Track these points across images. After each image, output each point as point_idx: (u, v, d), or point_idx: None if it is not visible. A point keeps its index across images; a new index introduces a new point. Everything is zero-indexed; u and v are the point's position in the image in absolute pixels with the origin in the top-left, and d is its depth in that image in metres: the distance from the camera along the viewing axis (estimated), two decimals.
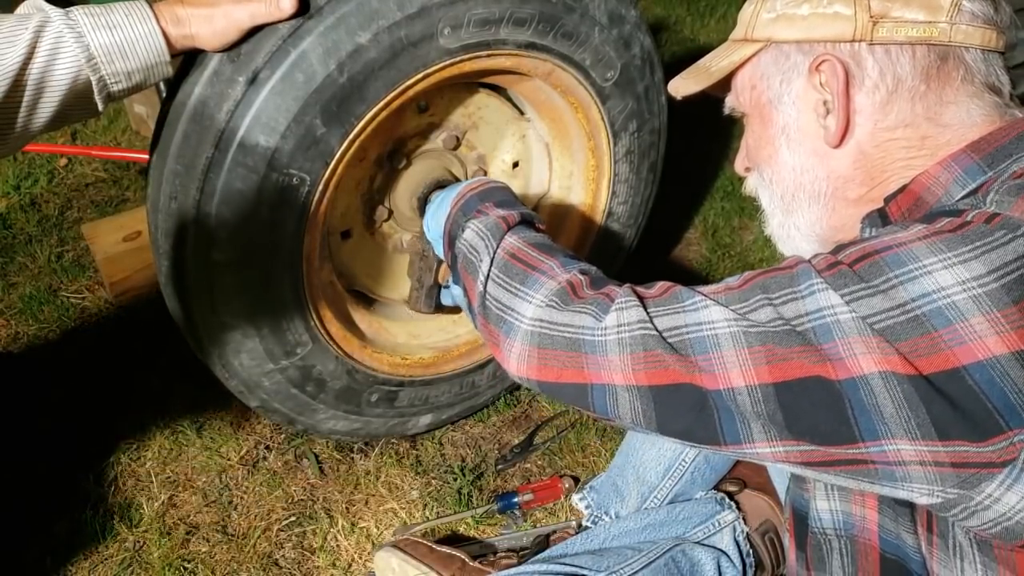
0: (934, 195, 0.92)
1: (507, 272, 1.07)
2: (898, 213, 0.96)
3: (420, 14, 1.35)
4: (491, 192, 1.26)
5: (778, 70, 1.04)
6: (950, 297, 0.74)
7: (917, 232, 0.80)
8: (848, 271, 0.81)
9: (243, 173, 1.33)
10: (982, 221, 0.78)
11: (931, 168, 0.94)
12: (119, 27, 1.18)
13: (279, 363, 1.58)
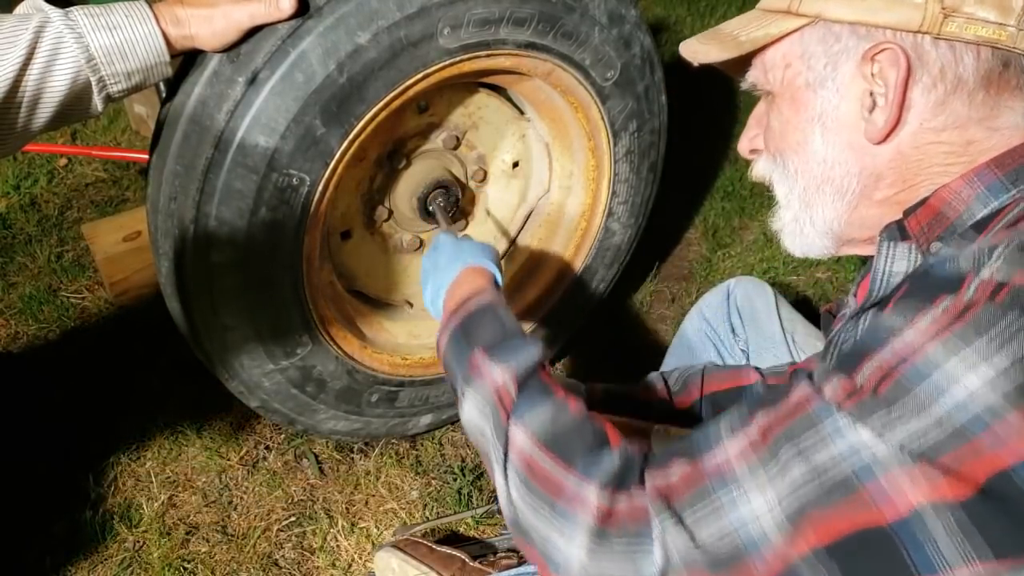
0: (955, 210, 0.89)
1: (529, 489, 0.93)
2: (917, 228, 0.93)
3: (420, 14, 1.35)
4: (477, 324, 1.14)
5: (825, 51, 0.95)
6: (982, 400, 0.69)
7: (926, 330, 0.74)
8: (871, 398, 0.75)
9: (243, 173, 1.33)
10: (987, 299, 0.72)
11: (953, 182, 0.91)
12: (119, 28, 1.18)
13: (279, 363, 1.58)
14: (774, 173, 1.06)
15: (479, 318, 1.15)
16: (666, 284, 2.47)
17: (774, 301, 1.61)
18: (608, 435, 0.93)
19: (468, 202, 1.90)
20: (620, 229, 1.95)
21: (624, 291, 2.34)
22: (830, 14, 0.93)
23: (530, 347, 1.06)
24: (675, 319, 2.32)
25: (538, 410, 0.96)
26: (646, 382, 1.47)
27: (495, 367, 1.03)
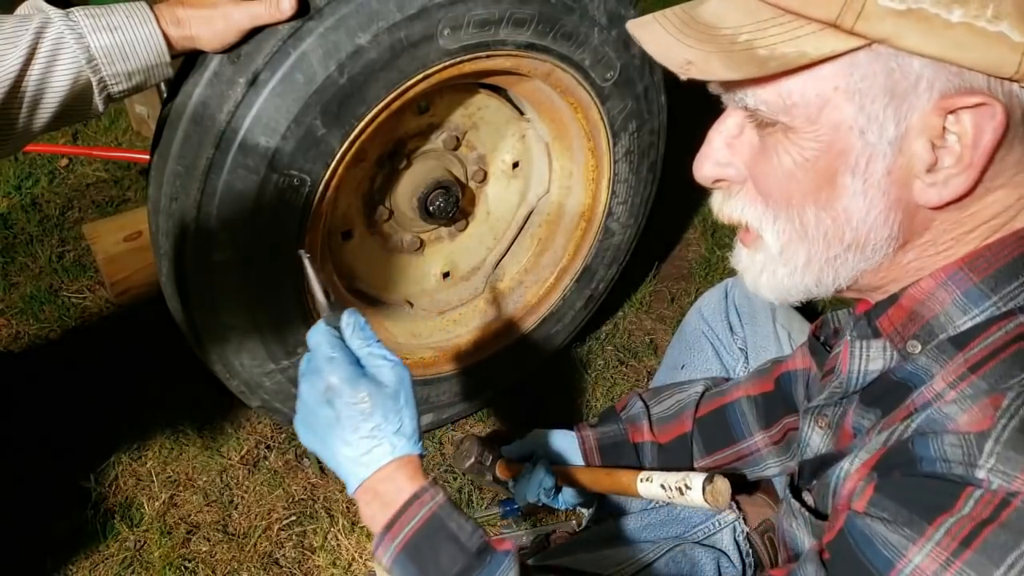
0: (930, 311, 0.79)
1: None
2: (890, 328, 0.83)
3: (420, 15, 1.36)
4: (435, 553, 0.91)
5: (886, 89, 0.71)
6: None
7: (933, 555, 0.67)
8: None
9: (244, 174, 1.34)
10: (991, 518, 0.65)
11: (923, 282, 0.79)
12: (120, 28, 1.18)
13: (280, 363, 1.59)
14: (767, 225, 0.83)
15: (430, 542, 0.92)
16: (666, 284, 2.47)
17: None
18: None
19: (468, 202, 1.90)
20: (620, 229, 1.96)
21: (624, 291, 2.34)
22: (903, 42, 0.68)
23: (502, 565, 0.90)
24: (675, 319, 2.32)
25: None
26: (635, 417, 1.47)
27: None
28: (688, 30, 0.76)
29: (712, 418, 1.39)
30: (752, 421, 1.36)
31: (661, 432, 1.43)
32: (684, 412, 1.42)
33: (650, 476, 1.34)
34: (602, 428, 1.48)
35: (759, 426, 1.36)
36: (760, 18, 0.73)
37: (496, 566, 0.89)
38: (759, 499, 1.56)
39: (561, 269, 1.96)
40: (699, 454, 1.41)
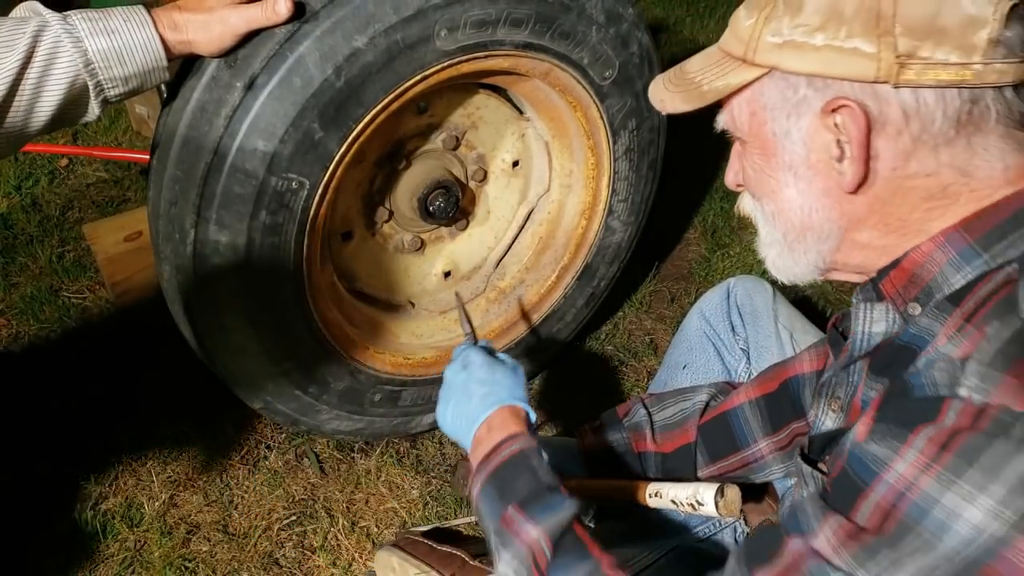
0: (929, 272, 0.88)
1: None
2: (892, 291, 0.93)
3: (416, 17, 1.36)
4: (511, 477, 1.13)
5: (785, 103, 0.91)
6: (988, 532, 0.71)
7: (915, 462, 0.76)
8: (877, 539, 0.77)
9: (242, 178, 1.34)
10: (970, 427, 0.73)
11: (924, 245, 0.89)
12: (117, 32, 1.18)
13: (281, 365, 1.59)
14: (757, 214, 1.04)
15: (513, 470, 1.13)
16: (666, 284, 2.47)
17: (773, 300, 1.62)
18: None
19: (468, 202, 1.90)
20: (620, 227, 1.96)
21: (624, 290, 2.34)
22: (787, 66, 0.89)
23: (565, 503, 1.06)
24: (675, 319, 2.32)
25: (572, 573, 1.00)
26: (637, 424, 1.47)
27: (530, 526, 1.05)
28: (672, 79, 1.02)
29: (715, 425, 1.39)
30: (756, 427, 1.35)
31: (664, 441, 1.43)
32: (688, 421, 1.41)
33: (659, 491, 1.33)
34: (605, 437, 1.48)
35: (764, 432, 1.35)
36: (710, 63, 0.98)
37: (560, 501, 1.07)
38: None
39: (562, 267, 1.96)
40: (703, 463, 1.40)
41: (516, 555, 1.05)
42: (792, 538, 0.84)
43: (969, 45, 0.81)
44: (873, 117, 0.86)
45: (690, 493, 1.28)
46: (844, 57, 0.85)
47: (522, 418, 1.23)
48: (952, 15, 0.81)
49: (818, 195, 0.94)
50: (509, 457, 1.15)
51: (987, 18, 0.81)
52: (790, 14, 0.88)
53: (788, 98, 0.91)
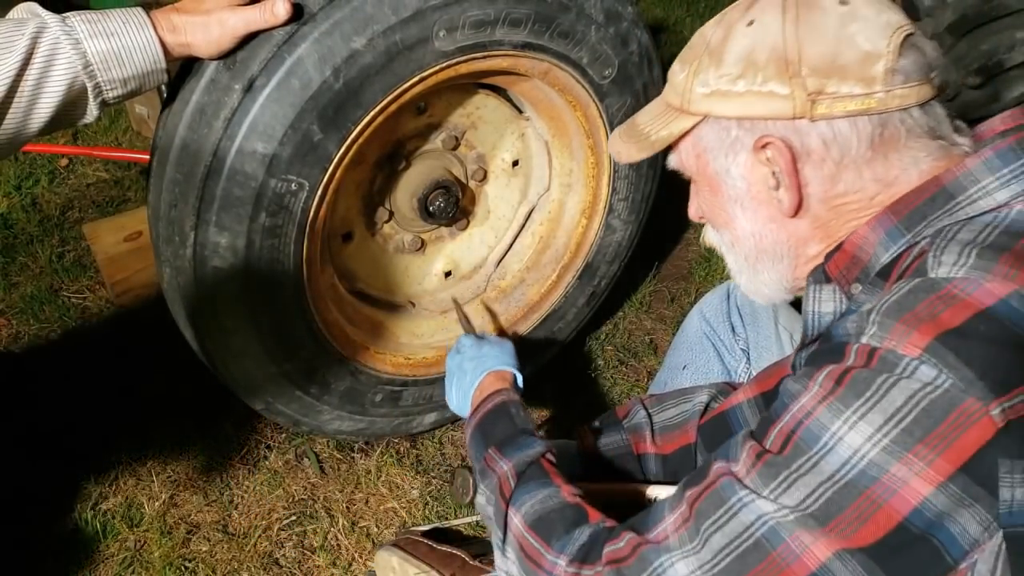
0: (866, 253, 0.98)
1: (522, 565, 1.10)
2: (836, 272, 1.02)
3: (415, 17, 1.35)
4: (493, 423, 1.31)
5: (721, 144, 1.04)
6: (866, 456, 0.81)
7: (815, 394, 0.87)
8: (775, 459, 0.87)
9: (241, 180, 1.34)
10: (862, 364, 0.84)
11: (860, 228, 0.99)
12: (116, 34, 1.18)
13: (282, 366, 1.59)
14: (719, 244, 1.15)
15: (495, 418, 1.31)
16: (666, 284, 2.47)
17: None
18: (587, 514, 1.07)
19: (468, 201, 1.90)
20: (621, 226, 1.96)
21: (624, 290, 2.34)
22: (717, 112, 1.02)
23: (534, 443, 1.20)
24: (675, 319, 2.32)
25: (531, 497, 1.12)
26: (637, 426, 1.47)
27: (503, 462, 1.19)
28: (626, 131, 1.15)
29: (714, 424, 1.39)
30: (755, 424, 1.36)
31: (664, 442, 1.43)
32: (688, 422, 1.42)
33: (657, 496, 1.35)
34: (604, 439, 1.48)
35: None
36: (656, 114, 1.10)
37: (531, 442, 1.21)
38: None
39: (563, 267, 1.96)
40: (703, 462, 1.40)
41: (488, 485, 1.20)
42: (718, 462, 0.94)
43: (869, 77, 0.94)
44: (797, 150, 0.98)
45: None
46: (764, 100, 0.97)
47: (507, 379, 1.42)
48: (850, 53, 0.94)
49: (765, 222, 1.06)
50: (492, 407, 1.33)
51: (881, 52, 0.94)
52: (714, 66, 1.01)
53: (723, 140, 1.03)
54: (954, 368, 0.79)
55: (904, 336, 0.82)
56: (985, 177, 0.93)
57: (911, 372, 0.81)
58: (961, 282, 0.84)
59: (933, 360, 0.80)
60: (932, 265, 0.87)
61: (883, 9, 0.97)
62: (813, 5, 0.97)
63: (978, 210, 0.92)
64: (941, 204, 0.93)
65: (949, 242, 0.89)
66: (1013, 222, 0.89)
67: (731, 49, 1.00)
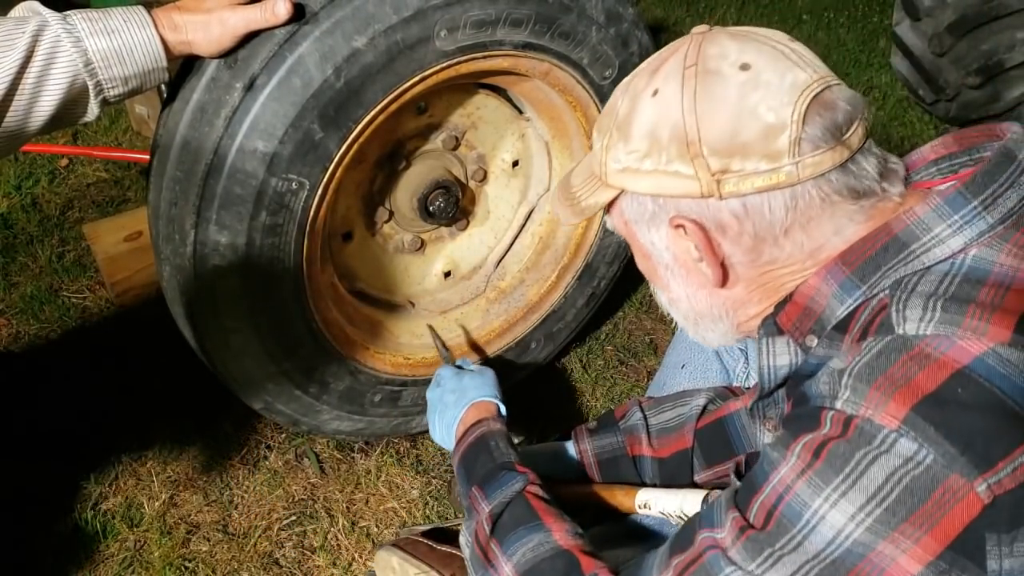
0: (819, 304, 0.95)
1: None
2: (789, 324, 0.99)
3: (416, 17, 1.36)
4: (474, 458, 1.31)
5: (642, 217, 1.01)
6: (850, 536, 0.80)
7: (794, 467, 0.85)
8: (759, 535, 0.86)
9: (242, 179, 1.34)
10: (839, 435, 0.82)
11: (811, 280, 0.96)
12: (117, 32, 1.18)
13: (281, 365, 1.59)
14: (660, 302, 1.13)
15: (476, 452, 1.31)
16: None
17: None
18: (580, 564, 1.07)
19: (468, 202, 1.90)
20: None
21: (624, 290, 2.34)
22: (630, 188, 0.99)
23: (514, 478, 1.21)
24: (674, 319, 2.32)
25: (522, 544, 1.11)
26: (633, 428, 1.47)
27: (484, 504, 1.20)
28: (563, 191, 1.12)
29: (712, 430, 1.39)
30: (752, 433, 1.36)
31: (661, 445, 1.43)
32: (685, 426, 1.42)
33: (647, 502, 1.36)
34: (600, 440, 1.48)
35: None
36: (584, 179, 1.08)
37: (510, 477, 1.21)
38: None
39: (562, 267, 1.96)
40: (699, 467, 1.41)
41: (468, 528, 1.21)
42: (703, 530, 0.93)
43: (773, 152, 0.89)
44: (710, 228, 0.96)
45: (677, 505, 1.32)
46: (671, 179, 0.94)
47: (490, 409, 1.41)
48: (751, 128, 0.90)
49: (696, 288, 1.04)
50: (472, 441, 1.34)
51: (786, 123, 0.89)
52: (623, 141, 0.98)
53: (643, 214, 1.01)
54: (935, 442, 0.77)
55: (880, 405, 0.80)
56: (937, 225, 0.89)
57: (890, 446, 0.79)
58: (933, 340, 0.82)
59: (912, 433, 0.78)
60: (897, 320, 0.85)
61: (789, 68, 0.91)
62: (712, 73, 0.92)
63: (933, 259, 0.89)
64: (894, 253, 0.90)
65: (910, 295, 0.87)
66: (971, 269, 0.87)
67: (637, 123, 0.97)
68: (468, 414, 1.41)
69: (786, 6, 4.03)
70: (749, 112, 0.90)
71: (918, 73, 3.03)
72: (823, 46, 3.67)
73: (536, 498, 1.18)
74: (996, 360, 0.79)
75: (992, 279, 0.85)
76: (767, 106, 0.89)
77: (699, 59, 0.93)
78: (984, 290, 0.84)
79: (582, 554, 1.09)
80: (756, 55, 0.92)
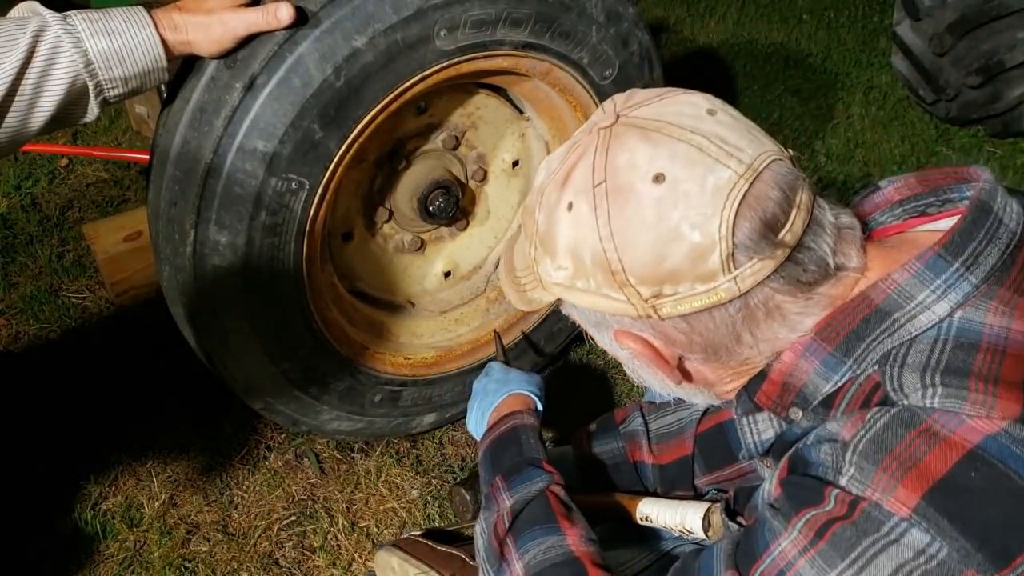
0: (798, 380, 0.89)
1: None
2: (768, 402, 0.93)
3: (416, 17, 1.36)
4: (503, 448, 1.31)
5: (587, 322, 0.96)
6: None
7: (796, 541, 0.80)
8: None
9: (242, 179, 1.34)
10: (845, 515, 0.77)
11: (785, 356, 0.89)
12: (118, 33, 1.18)
13: (281, 365, 1.59)
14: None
15: (506, 443, 1.31)
16: None
17: None
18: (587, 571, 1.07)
19: (468, 202, 1.90)
20: None
21: None
22: (567, 300, 0.93)
23: (539, 475, 1.20)
24: None
25: (536, 545, 1.11)
26: (633, 433, 1.47)
27: (505, 495, 1.19)
28: (507, 273, 1.03)
29: (712, 435, 1.38)
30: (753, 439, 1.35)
31: (661, 451, 1.43)
32: (685, 432, 1.41)
33: (648, 515, 1.37)
34: (601, 446, 1.48)
35: None
36: (527, 264, 0.97)
37: (536, 473, 1.20)
38: None
39: None
40: (700, 472, 1.40)
41: (486, 519, 1.19)
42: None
43: (706, 273, 0.81)
44: (656, 344, 0.90)
45: (678, 520, 1.32)
46: (604, 300, 0.87)
47: (527, 403, 1.41)
48: (676, 255, 0.82)
49: (663, 377, 0.96)
50: (504, 430, 1.33)
51: (714, 239, 0.80)
52: (549, 256, 0.91)
53: (587, 319, 0.95)
54: (949, 536, 0.72)
55: (889, 490, 0.74)
56: (919, 292, 0.83)
57: (900, 535, 0.74)
58: (942, 416, 0.76)
59: (924, 524, 0.72)
60: (897, 398, 0.80)
61: (709, 169, 0.81)
62: (624, 191, 0.83)
63: (920, 327, 0.83)
64: (876, 324, 0.84)
65: (901, 368, 0.82)
66: (960, 332, 0.82)
67: (559, 240, 0.89)
68: (504, 403, 1.42)
69: (786, 6, 4.01)
70: (670, 233, 0.81)
71: (918, 73, 3.03)
72: (823, 46, 3.66)
73: (556, 500, 1.17)
74: (1009, 440, 0.74)
75: (985, 343, 0.80)
76: (690, 224, 0.80)
77: (607, 174, 0.84)
78: (979, 357, 0.79)
79: (592, 564, 1.07)
80: (669, 160, 0.82)
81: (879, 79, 3.43)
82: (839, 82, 3.40)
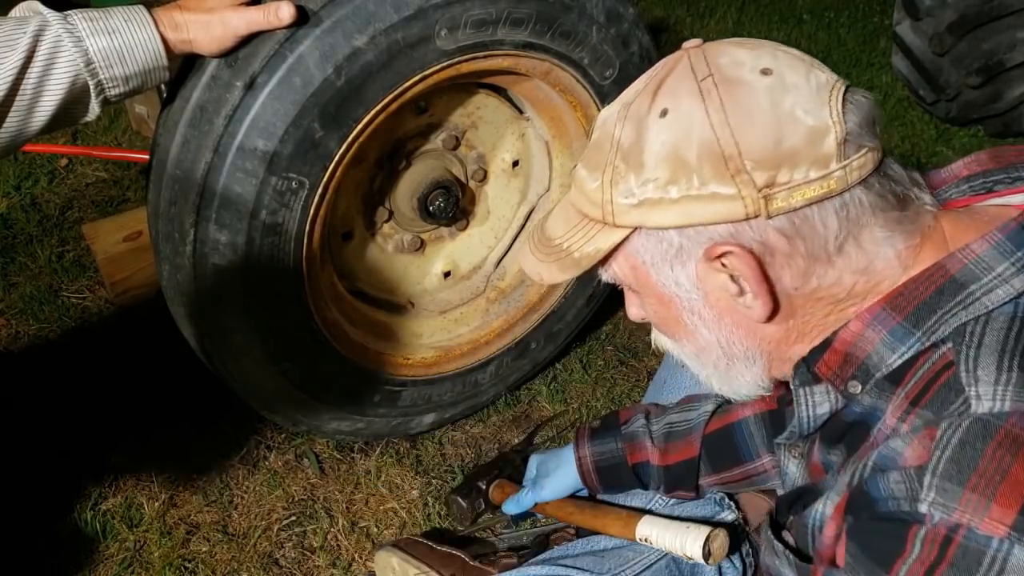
0: (863, 350, 0.86)
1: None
2: (828, 372, 0.90)
3: (417, 16, 1.36)
4: None
5: (664, 256, 0.88)
6: None
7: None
8: None
9: (242, 178, 1.34)
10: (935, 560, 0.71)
11: (852, 325, 0.87)
12: (118, 32, 1.18)
13: (281, 365, 1.59)
14: (679, 353, 1.01)
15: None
16: None
17: None
18: None
19: (468, 202, 1.90)
20: None
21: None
22: (650, 223, 0.85)
23: None
24: None
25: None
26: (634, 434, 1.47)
27: None
28: (540, 247, 0.97)
29: (719, 437, 1.38)
30: (760, 442, 1.35)
31: (668, 451, 1.42)
32: (693, 433, 1.40)
33: (647, 537, 1.36)
34: (599, 447, 1.47)
35: (766, 447, 1.35)
36: (572, 225, 0.92)
37: None
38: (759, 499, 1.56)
39: None
40: (706, 472, 1.40)
41: None
42: None
43: (822, 157, 0.80)
44: (759, 253, 0.84)
45: (678, 545, 1.32)
46: (706, 204, 0.82)
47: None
48: (794, 134, 0.80)
49: (731, 329, 0.92)
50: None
51: (827, 123, 0.80)
52: (634, 172, 0.85)
53: (665, 251, 0.87)
54: None
55: (981, 509, 0.69)
56: (999, 263, 0.80)
57: (1004, 561, 0.68)
58: (1018, 419, 0.72)
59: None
60: (968, 382, 0.76)
61: (808, 69, 0.83)
62: (734, 81, 0.82)
63: (996, 300, 0.80)
64: (951, 295, 0.81)
65: (978, 350, 0.78)
66: None
67: (650, 149, 0.84)
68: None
69: (786, 6, 4.02)
70: (787, 116, 0.80)
71: (919, 73, 3.03)
72: (823, 46, 3.67)
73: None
74: None
75: None
76: (803, 109, 0.80)
77: (712, 69, 0.83)
78: None
79: None
80: (772, 59, 0.83)
81: (879, 79, 3.44)
82: None
